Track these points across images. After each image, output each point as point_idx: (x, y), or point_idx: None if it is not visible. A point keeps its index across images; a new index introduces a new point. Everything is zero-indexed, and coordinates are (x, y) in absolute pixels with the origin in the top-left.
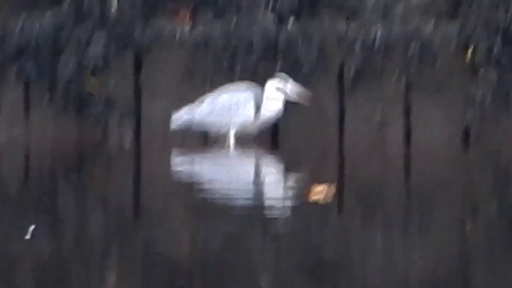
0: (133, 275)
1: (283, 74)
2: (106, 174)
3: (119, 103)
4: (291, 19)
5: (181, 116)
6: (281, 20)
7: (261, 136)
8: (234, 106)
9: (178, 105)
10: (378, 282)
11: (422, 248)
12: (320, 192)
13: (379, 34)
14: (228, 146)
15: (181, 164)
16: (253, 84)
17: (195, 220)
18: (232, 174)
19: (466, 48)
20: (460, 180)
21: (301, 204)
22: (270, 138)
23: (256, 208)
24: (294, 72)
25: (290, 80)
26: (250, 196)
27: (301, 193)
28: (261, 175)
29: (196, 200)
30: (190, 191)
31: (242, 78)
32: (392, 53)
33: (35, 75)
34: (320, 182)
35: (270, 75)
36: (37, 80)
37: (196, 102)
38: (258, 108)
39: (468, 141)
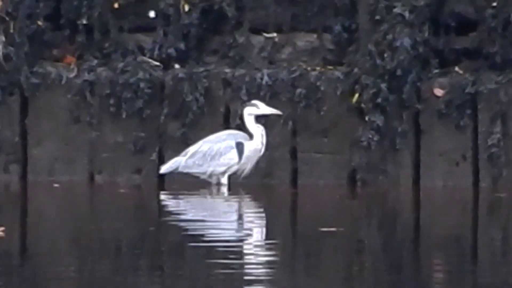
0: None
1: (253, 101)
2: None
3: (5, 148)
4: (177, 66)
5: (167, 167)
6: (166, 67)
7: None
8: (216, 155)
9: (64, 150)
10: None
11: None
12: None
13: (265, 79)
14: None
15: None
16: (234, 131)
17: (80, 253)
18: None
19: (353, 93)
20: (347, 223)
21: None
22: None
23: None
24: (181, 116)
25: (259, 102)
26: None
27: None
28: None
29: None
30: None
31: (128, 123)
32: (278, 98)
33: None
34: None
35: (157, 119)
36: None
37: (181, 155)
38: (241, 152)
39: (355, 184)
